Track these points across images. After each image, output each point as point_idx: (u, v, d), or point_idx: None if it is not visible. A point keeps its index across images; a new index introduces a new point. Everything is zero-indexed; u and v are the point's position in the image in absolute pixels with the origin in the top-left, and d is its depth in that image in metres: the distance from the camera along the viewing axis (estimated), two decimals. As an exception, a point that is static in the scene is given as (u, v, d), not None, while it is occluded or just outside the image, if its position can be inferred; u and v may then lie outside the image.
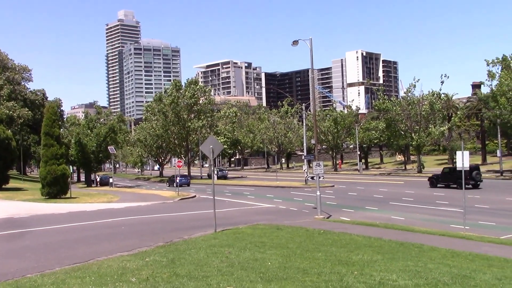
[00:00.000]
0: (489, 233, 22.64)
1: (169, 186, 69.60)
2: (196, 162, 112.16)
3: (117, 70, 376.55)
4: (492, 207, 33.25)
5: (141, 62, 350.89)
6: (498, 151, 69.97)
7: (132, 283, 10.78)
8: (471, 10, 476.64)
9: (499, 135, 69.70)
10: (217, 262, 13.40)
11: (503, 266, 14.42)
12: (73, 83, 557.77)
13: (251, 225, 23.91)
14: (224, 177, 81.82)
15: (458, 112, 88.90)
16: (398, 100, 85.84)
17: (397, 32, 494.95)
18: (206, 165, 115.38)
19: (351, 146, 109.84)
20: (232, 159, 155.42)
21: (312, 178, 37.02)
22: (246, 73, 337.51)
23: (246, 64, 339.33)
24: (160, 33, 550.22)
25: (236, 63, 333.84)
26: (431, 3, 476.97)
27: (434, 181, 52.31)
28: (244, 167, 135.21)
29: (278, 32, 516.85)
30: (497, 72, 62.73)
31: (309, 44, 33.43)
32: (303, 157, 70.27)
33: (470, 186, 47.49)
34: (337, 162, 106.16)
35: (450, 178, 50.33)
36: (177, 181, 54.22)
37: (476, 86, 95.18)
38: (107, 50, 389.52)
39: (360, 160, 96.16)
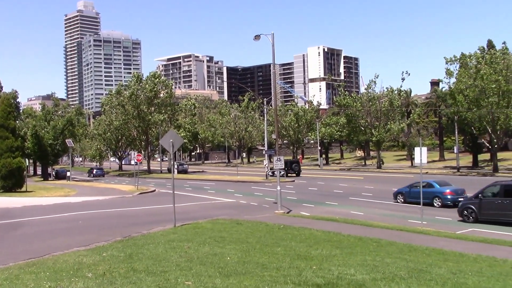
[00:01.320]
0: (445, 228, 23.09)
1: (88, 176, 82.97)
2: (156, 156, 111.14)
3: (76, 62, 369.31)
4: (448, 202, 33.88)
5: (100, 54, 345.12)
6: (455, 148, 71.46)
7: (88, 278, 10.55)
8: (431, 9, 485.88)
9: (456, 132, 71.22)
10: (176, 257, 13.27)
11: (458, 260, 14.69)
12: (30, 74, 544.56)
13: (211, 220, 23.82)
14: (185, 172, 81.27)
15: (417, 109, 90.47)
16: (359, 96, 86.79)
17: (359, 29, 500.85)
18: (166, 159, 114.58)
19: (312, 141, 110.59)
20: (193, 154, 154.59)
21: (273, 173, 37.07)
22: (208, 66, 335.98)
23: (208, 58, 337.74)
24: (120, 25, 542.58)
25: (197, 56, 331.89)
26: (392, 1, 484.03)
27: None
28: (205, 162, 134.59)
29: (241, 26, 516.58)
30: (455, 70, 63.99)
31: (271, 39, 33.38)
32: (264, 152, 70.43)
33: (294, 174, 64.21)
34: (298, 157, 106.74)
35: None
36: (94, 172, 66.46)
37: (435, 84, 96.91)
38: (66, 41, 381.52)
39: (321, 156, 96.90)
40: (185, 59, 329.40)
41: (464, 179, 57.32)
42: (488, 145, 66.91)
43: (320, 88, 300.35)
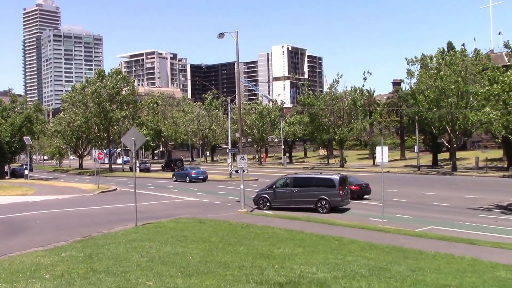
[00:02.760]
0: (405, 226, 23.45)
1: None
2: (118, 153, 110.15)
3: (35, 57, 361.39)
4: (409, 200, 34.52)
5: (60, 49, 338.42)
6: (415, 147, 72.76)
7: (45, 279, 10.33)
8: (394, 10, 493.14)
9: (417, 132, 72.48)
10: (137, 257, 13.14)
11: (418, 258, 14.94)
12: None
13: (173, 219, 23.66)
14: (147, 170, 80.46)
15: (378, 108, 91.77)
16: (322, 95, 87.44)
17: (323, 29, 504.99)
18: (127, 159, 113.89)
19: (276, 140, 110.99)
20: (156, 152, 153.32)
21: (236, 171, 37.09)
22: (171, 64, 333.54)
23: (172, 55, 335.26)
24: (81, 20, 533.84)
25: (161, 53, 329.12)
26: (355, 2, 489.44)
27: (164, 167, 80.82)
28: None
29: (205, 24, 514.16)
30: (416, 71, 65.11)
31: (235, 37, 33.37)
32: (227, 150, 70.20)
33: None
34: (262, 155, 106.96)
35: (168, 167, 79.75)
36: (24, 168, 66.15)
37: (397, 84, 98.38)
38: (24, 36, 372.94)
39: (285, 154, 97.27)
40: (148, 56, 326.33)
41: (425, 177, 58.42)
42: (447, 144, 68.29)
43: (284, 87, 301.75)
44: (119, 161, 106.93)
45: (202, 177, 56.65)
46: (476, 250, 16.86)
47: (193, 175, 56.29)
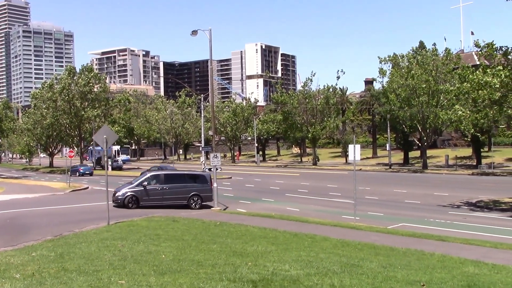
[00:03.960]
0: (377, 223, 23.72)
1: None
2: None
3: (4, 53, 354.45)
4: (381, 198, 34.92)
5: (30, 45, 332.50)
6: (387, 145, 73.66)
7: (15, 279, 10.18)
8: (367, 9, 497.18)
9: (388, 130, 73.34)
10: (109, 256, 13.04)
11: (389, 254, 15.13)
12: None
13: (146, 217, 23.53)
14: (119, 168, 79.76)
15: (351, 107, 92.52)
16: (296, 93, 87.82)
17: (296, 27, 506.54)
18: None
19: (249, 138, 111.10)
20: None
21: (210, 169, 37.00)
22: (144, 61, 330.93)
23: (144, 52, 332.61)
24: (51, 16, 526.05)
25: (133, 50, 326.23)
26: (329, 1, 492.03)
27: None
28: (141, 158, 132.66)
29: (178, 21, 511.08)
30: (388, 70, 65.89)
31: (209, 34, 33.26)
32: (200, 149, 69.98)
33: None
34: (235, 153, 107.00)
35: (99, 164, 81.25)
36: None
37: (369, 82, 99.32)
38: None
39: (258, 152, 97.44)
40: (120, 53, 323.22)
41: (396, 175, 59.13)
42: (418, 142, 69.24)
43: (257, 85, 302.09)
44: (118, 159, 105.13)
45: (88, 172, 68.40)
46: (445, 246, 17.15)
47: (81, 171, 67.84)
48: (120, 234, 17.60)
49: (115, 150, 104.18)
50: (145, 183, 30.03)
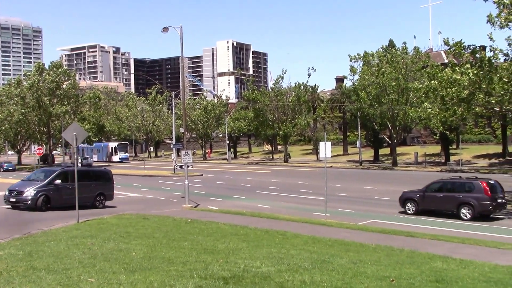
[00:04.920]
0: (348, 219, 23.94)
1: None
2: (59, 149, 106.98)
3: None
4: (351, 195, 35.23)
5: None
6: (358, 142, 74.29)
7: (-18, 278, 9.98)
8: (337, 7, 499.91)
9: (359, 127, 74.00)
10: (79, 254, 12.90)
11: (359, 250, 15.30)
12: None
13: (116, 215, 23.35)
14: (89, 166, 78.93)
15: (322, 104, 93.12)
16: (267, 91, 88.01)
17: (267, 24, 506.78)
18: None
19: (221, 135, 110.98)
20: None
21: (181, 167, 36.88)
22: (114, 58, 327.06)
23: (114, 49, 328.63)
24: (19, 11, 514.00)
25: (103, 47, 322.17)
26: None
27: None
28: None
29: (149, 17, 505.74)
30: (359, 68, 66.47)
31: (180, 31, 33.05)
32: (172, 146, 69.74)
33: None
34: (207, 151, 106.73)
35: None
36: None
37: (340, 80, 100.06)
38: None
39: (229, 149, 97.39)
40: (90, 50, 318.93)
41: (366, 172, 59.72)
42: (388, 140, 70.08)
43: (229, 82, 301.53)
44: (116, 158, 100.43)
45: (11, 168, 75.14)
46: (414, 242, 17.40)
47: (5, 167, 74.29)
48: (90, 232, 17.42)
49: (111, 148, 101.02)
50: (58, 181, 27.13)
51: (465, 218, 24.97)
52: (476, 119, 74.26)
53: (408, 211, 27.08)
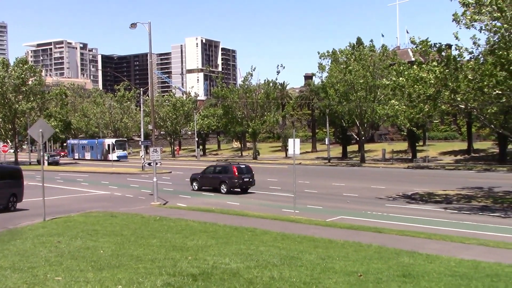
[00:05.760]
0: (316, 216, 24.08)
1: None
2: (24, 147, 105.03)
3: None
4: (320, 192, 35.46)
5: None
6: (326, 139, 74.79)
7: None
8: (306, 4, 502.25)
9: (327, 124, 74.51)
10: (45, 252, 12.73)
11: (328, 246, 15.42)
12: None
13: (83, 213, 23.10)
14: (56, 163, 77.73)
15: (291, 101, 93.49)
16: (236, 88, 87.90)
17: (236, 21, 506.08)
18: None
19: (190, 132, 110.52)
20: (65, 144, 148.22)
21: (149, 164, 36.65)
22: (81, 54, 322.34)
23: (82, 45, 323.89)
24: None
25: (70, 43, 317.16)
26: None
27: None
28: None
29: (117, 13, 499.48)
30: (327, 65, 66.88)
31: (148, 28, 32.76)
32: (140, 143, 69.10)
33: None
34: (175, 148, 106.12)
35: None
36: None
37: (309, 77, 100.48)
38: None
39: (198, 147, 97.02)
40: (57, 45, 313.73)
41: (335, 169, 60.21)
42: (356, 137, 70.75)
43: (198, 79, 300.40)
44: (113, 156, 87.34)
45: None
46: (382, 238, 17.62)
47: None
48: (57, 230, 17.20)
49: (108, 145, 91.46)
50: None
51: (223, 191, 35.36)
52: (442, 117, 75.43)
53: (194, 188, 37.50)
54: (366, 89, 62.06)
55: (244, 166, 37.64)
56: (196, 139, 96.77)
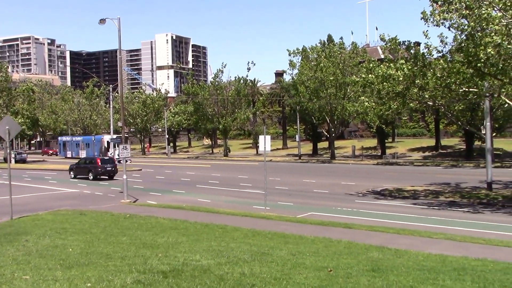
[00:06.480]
0: (287, 212, 24.18)
1: None
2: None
3: None
4: (291, 188, 35.58)
5: None
6: (297, 136, 75.17)
7: None
8: (276, 2, 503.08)
9: (298, 121, 74.86)
10: (13, 251, 12.55)
11: (298, 242, 15.51)
12: None
13: (52, 211, 22.78)
14: (23, 161, 76.49)
15: (261, 98, 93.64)
16: (207, 84, 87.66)
17: (207, 18, 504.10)
18: None
19: (160, 129, 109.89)
20: (33, 142, 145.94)
21: (119, 161, 36.30)
22: (49, 50, 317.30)
23: (49, 41, 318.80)
24: None
25: (37, 39, 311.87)
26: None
27: None
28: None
29: (85, 8, 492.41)
30: (298, 62, 67.12)
31: (117, 23, 32.39)
32: (109, 140, 68.43)
33: None
34: (145, 145, 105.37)
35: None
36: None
37: (279, 74, 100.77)
38: None
39: (169, 144, 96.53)
40: (24, 41, 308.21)
41: (305, 166, 60.53)
42: (326, 134, 71.23)
43: (168, 76, 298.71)
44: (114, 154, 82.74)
45: None
46: (352, 233, 17.78)
47: None
48: (24, 229, 16.94)
49: (107, 142, 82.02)
50: None
51: (90, 178, 44.19)
52: (411, 114, 76.62)
53: (71, 176, 46.34)
54: (336, 86, 62.49)
55: (107, 158, 49.38)
56: (167, 136, 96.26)
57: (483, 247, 15.40)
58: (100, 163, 44.94)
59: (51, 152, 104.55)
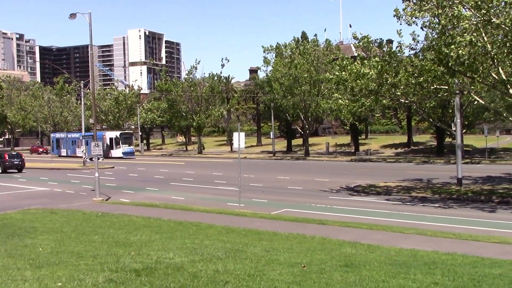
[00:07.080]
0: (261, 209, 24.16)
1: None
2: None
3: None
4: (265, 185, 35.60)
5: None
6: (271, 133, 75.35)
7: None
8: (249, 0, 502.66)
9: (272, 118, 75.03)
10: (-20, 252, 12.24)
11: (272, 239, 15.52)
12: None
13: (21, 210, 22.41)
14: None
15: (236, 95, 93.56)
16: (180, 81, 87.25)
17: (181, 14, 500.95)
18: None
19: (133, 126, 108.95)
20: (1, 139, 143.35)
21: (91, 159, 35.85)
22: (18, 45, 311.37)
23: (18, 36, 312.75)
24: None
25: (5, 33, 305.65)
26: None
27: None
28: (15, 148, 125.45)
29: (55, 2, 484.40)
30: (272, 59, 67.20)
31: (88, 18, 31.94)
32: (81, 137, 67.61)
33: None
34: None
35: None
36: None
37: (254, 71, 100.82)
38: None
39: (142, 141, 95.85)
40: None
41: (279, 163, 60.69)
42: (300, 131, 71.55)
43: (141, 72, 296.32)
44: (117, 152, 75.13)
45: None
46: (325, 229, 17.86)
47: None
48: (-8, 228, 16.60)
49: (110, 139, 77.07)
50: None
51: None
52: (384, 111, 77.43)
53: None
54: (310, 83, 62.73)
55: (15, 153, 55.18)
56: (140, 133, 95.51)
57: (453, 242, 15.61)
58: (7, 157, 51.10)
59: (41, 150, 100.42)
